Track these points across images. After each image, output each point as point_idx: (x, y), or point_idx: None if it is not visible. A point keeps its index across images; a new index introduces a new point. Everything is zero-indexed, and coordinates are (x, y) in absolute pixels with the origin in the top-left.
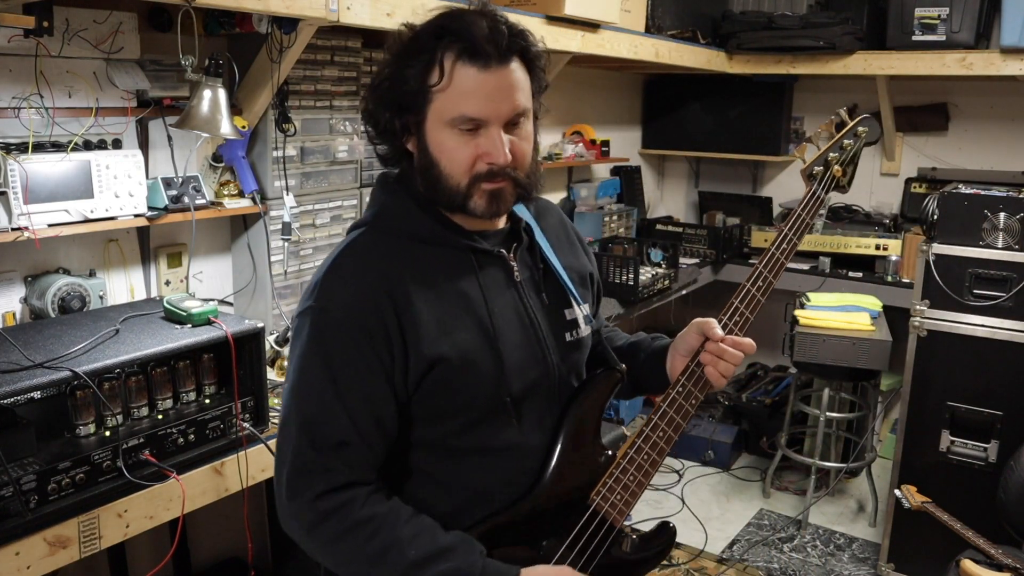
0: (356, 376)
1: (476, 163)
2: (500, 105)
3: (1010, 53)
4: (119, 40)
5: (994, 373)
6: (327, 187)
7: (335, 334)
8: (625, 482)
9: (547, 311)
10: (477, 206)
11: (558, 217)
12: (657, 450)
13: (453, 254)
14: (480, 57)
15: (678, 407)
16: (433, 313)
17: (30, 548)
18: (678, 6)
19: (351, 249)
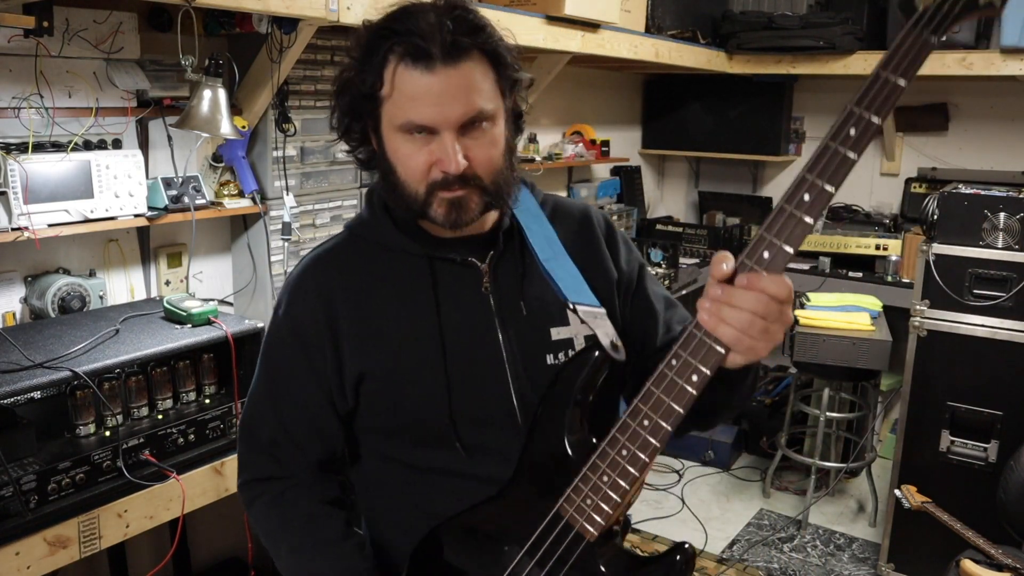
0: (291, 383)
1: (431, 170)
2: (448, 109)
3: (1010, 53)
4: (119, 40)
5: (994, 373)
6: (327, 187)
7: (279, 342)
8: (595, 483)
9: (525, 326)
10: (437, 215)
11: (580, 219)
12: (639, 442)
13: (411, 261)
14: (423, 58)
15: (668, 385)
16: (374, 323)
17: (30, 548)
18: (678, 6)
19: (316, 256)
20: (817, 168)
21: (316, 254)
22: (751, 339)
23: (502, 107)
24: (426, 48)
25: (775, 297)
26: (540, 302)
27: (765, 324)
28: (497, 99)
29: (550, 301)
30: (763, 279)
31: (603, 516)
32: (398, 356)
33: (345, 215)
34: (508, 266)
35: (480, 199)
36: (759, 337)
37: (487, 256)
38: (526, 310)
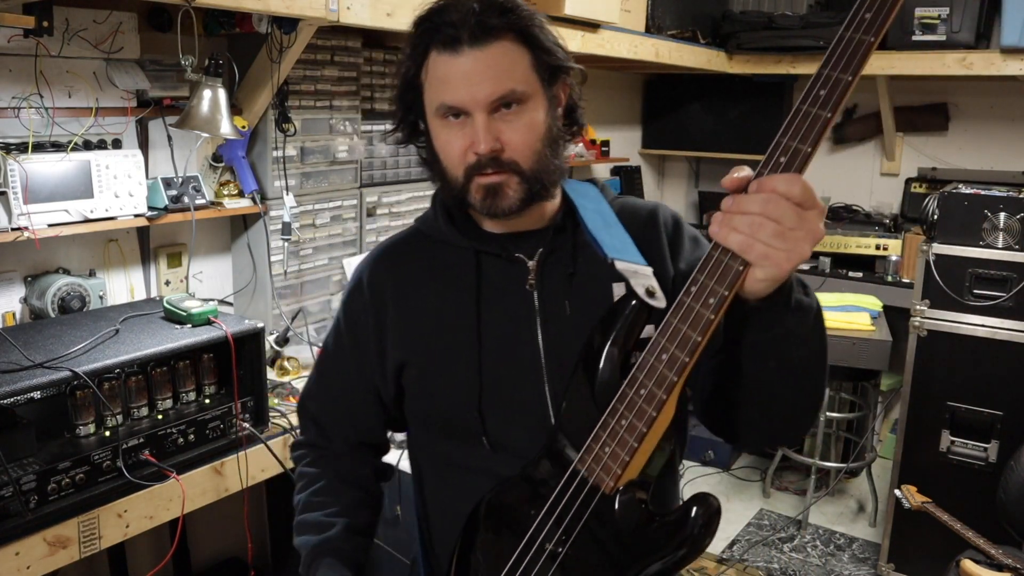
0: (336, 367)
1: (466, 154)
2: (477, 89)
3: (1010, 53)
4: (119, 40)
5: (994, 373)
6: (327, 187)
7: (335, 329)
8: (613, 427)
9: (568, 326)
10: (475, 201)
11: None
12: (655, 378)
13: (457, 254)
14: (451, 42)
15: (686, 312)
16: (416, 314)
17: (30, 548)
18: (678, 6)
19: (379, 248)
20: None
21: (380, 247)
22: (763, 244)
23: (540, 92)
24: (455, 34)
25: (786, 195)
26: (586, 301)
27: (778, 227)
28: (532, 82)
29: (598, 300)
30: (772, 178)
31: (619, 463)
32: (435, 346)
33: (345, 215)
34: (558, 264)
35: (519, 185)
36: (773, 242)
37: (536, 252)
38: (570, 309)
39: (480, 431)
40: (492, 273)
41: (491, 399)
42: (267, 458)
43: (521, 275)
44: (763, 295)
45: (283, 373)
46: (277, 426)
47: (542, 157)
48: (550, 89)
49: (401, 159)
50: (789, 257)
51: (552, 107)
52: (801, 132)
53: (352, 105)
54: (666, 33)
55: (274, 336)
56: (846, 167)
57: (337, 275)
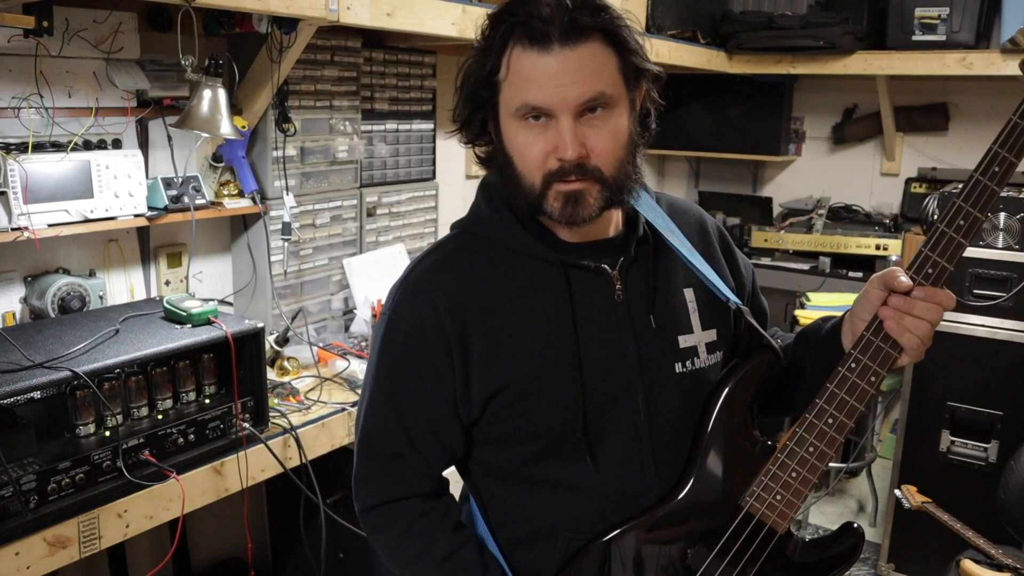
0: (415, 392)
1: (548, 159)
2: (566, 91)
3: (1010, 53)
4: (119, 40)
5: (994, 373)
6: (327, 187)
7: (399, 349)
8: (785, 480)
9: (654, 337)
10: (553, 209)
11: (698, 223)
12: (826, 440)
13: (544, 267)
14: (540, 40)
15: (851, 387)
16: (506, 333)
17: (30, 548)
18: (678, 6)
19: (432, 256)
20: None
21: (437, 258)
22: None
23: (625, 96)
24: (544, 30)
25: (946, 308)
26: (668, 312)
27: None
28: (620, 86)
29: (677, 308)
30: (940, 293)
31: (793, 509)
32: (533, 369)
33: (345, 215)
34: (639, 274)
35: (599, 194)
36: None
37: (617, 263)
38: (655, 323)
39: (585, 450)
40: (581, 287)
41: (593, 417)
42: (267, 458)
43: (607, 287)
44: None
45: (283, 373)
46: (277, 426)
47: (624, 165)
48: (632, 93)
49: (401, 159)
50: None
51: (633, 111)
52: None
53: (352, 105)
54: (666, 33)
55: (274, 336)
56: (846, 167)
57: (337, 275)
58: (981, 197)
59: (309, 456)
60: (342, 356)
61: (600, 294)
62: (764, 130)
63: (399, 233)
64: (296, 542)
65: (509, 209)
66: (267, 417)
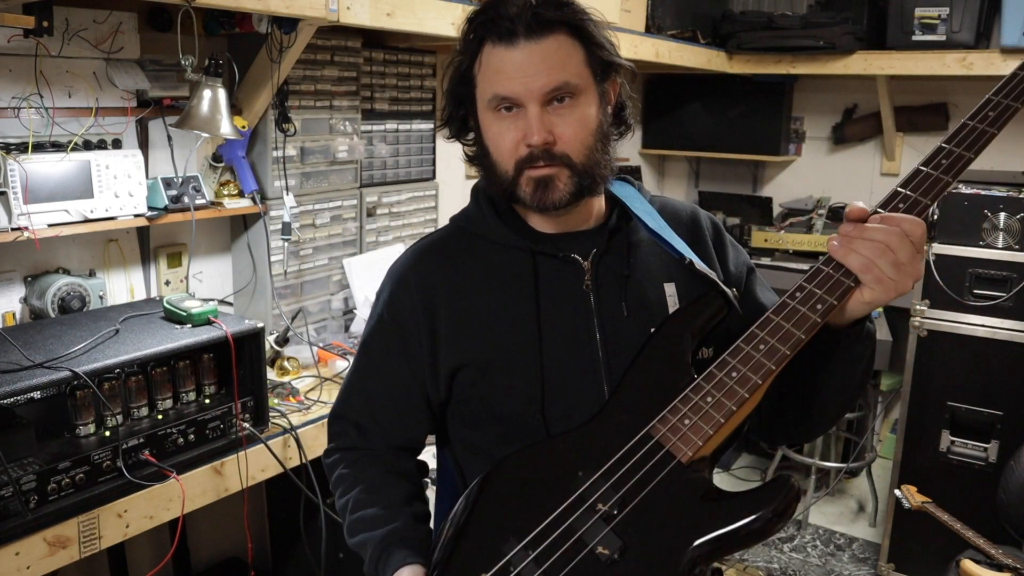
0: (384, 367)
1: (518, 147)
2: (531, 81)
3: (1010, 53)
4: (119, 40)
5: (994, 373)
6: (327, 187)
7: (378, 327)
8: (697, 402)
9: (624, 325)
10: (525, 195)
11: (689, 220)
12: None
13: (514, 255)
14: (506, 34)
15: (790, 312)
16: (472, 314)
17: (30, 548)
18: (678, 6)
19: (420, 247)
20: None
21: (420, 245)
22: (879, 270)
23: (592, 86)
24: (510, 26)
25: (909, 233)
26: (641, 302)
27: (895, 259)
28: (585, 77)
29: (653, 300)
30: (898, 216)
31: (700, 436)
32: (494, 349)
33: (345, 215)
34: (612, 265)
35: (569, 179)
36: (888, 270)
37: (590, 253)
38: (627, 311)
39: (543, 433)
40: (548, 274)
41: (552, 401)
42: (267, 458)
43: (577, 276)
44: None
45: (283, 373)
46: (277, 426)
47: (593, 151)
48: (602, 85)
49: (401, 159)
50: (896, 287)
51: (603, 103)
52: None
53: (352, 105)
54: (666, 33)
55: (274, 336)
56: (846, 167)
57: (337, 275)
58: (968, 137)
59: (309, 456)
60: (342, 356)
61: (568, 282)
62: (764, 130)
63: (399, 233)
64: (296, 542)
65: (491, 205)
66: (267, 417)
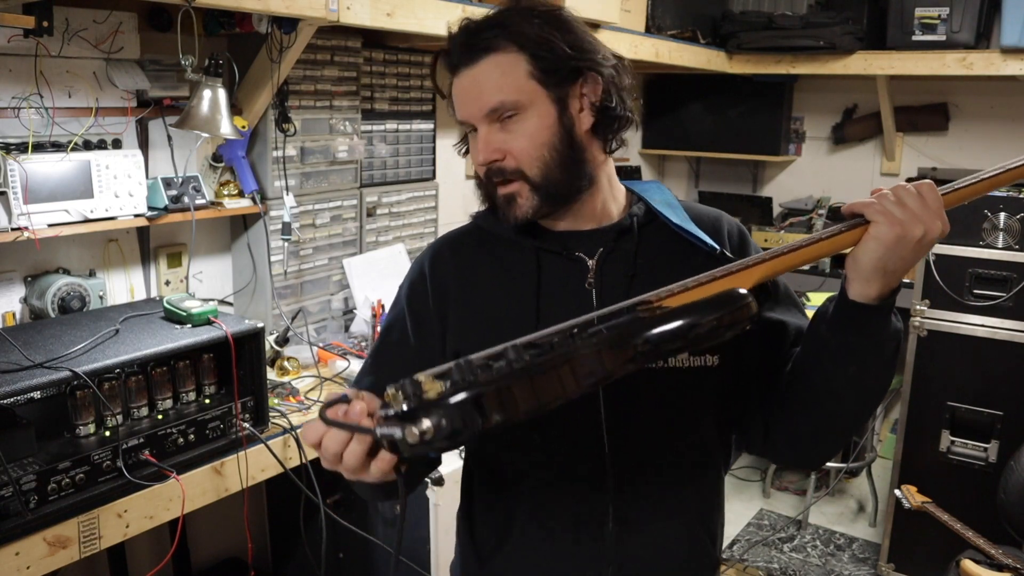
0: (395, 351)
1: (480, 167)
2: (471, 106)
3: (1010, 53)
4: (119, 40)
5: (994, 373)
6: (327, 187)
7: (397, 312)
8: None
9: None
10: (499, 208)
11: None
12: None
13: (520, 252)
14: (451, 66)
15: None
16: (477, 306)
17: (30, 548)
18: (678, 6)
19: (440, 239)
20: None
21: (441, 239)
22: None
23: (542, 97)
24: (450, 56)
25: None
26: None
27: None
28: (529, 90)
29: None
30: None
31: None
32: (491, 339)
33: (345, 215)
34: (618, 264)
35: (530, 193)
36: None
37: (597, 252)
38: None
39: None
40: (552, 271)
41: None
42: (267, 458)
43: (581, 273)
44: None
45: (283, 373)
46: (277, 426)
47: (549, 163)
48: (559, 93)
49: (401, 159)
50: (903, 227)
51: (564, 111)
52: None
53: (352, 105)
54: (666, 33)
55: (274, 336)
56: (846, 167)
57: (337, 275)
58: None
59: (309, 456)
60: (342, 356)
61: (571, 280)
62: (764, 130)
63: (399, 233)
64: (296, 542)
65: None
66: (267, 417)
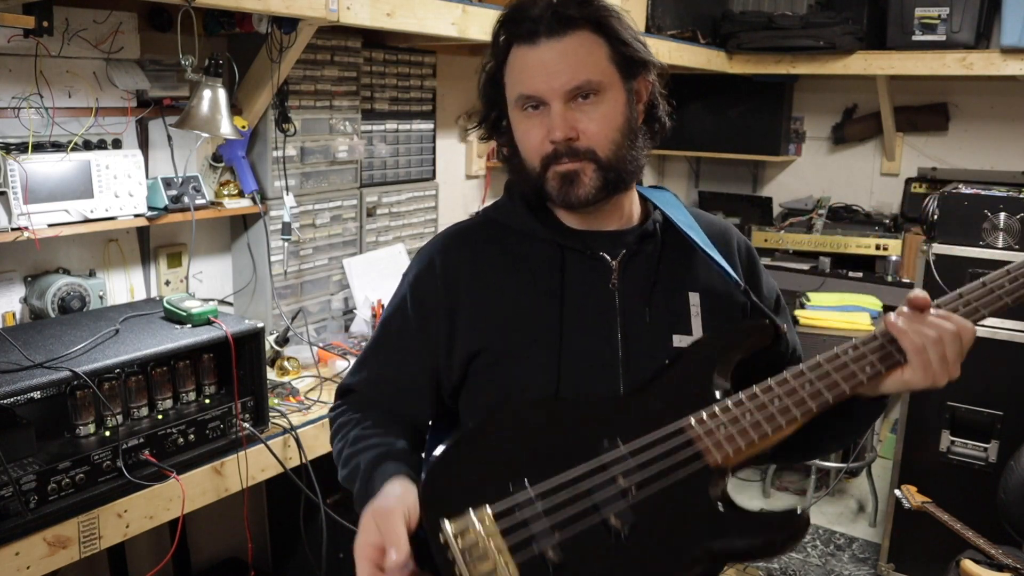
0: (397, 348)
1: (543, 144)
2: (553, 78)
3: (1010, 53)
4: (119, 40)
5: (994, 373)
6: (327, 187)
7: (400, 306)
8: (736, 415)
9: (646, 329)
10: (552, 190)
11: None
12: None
13: (543, 247)
14: (528, 34)
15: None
16: (495, 302)
17: (30, 548)
18: (678, 6)
19: (448, 231)
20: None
21: (449, 231)
22: (927, 359)
23: (618, 83)
24: (530, 25)
25: (961, 335)
26: (666, 309)
27: (944, 356)
28: (610, 74)
29: (678, 307)
30: (962, 322)
31: (732, 447)
32: (514, 336)
33: (345, 215)
34: (640, 268)
35: (595, 173)
36: (935, 362)
37: (619, 253)
38: (650, 316)
39: None
40: (575, 269)
41: (567, 394)
42: (267, 458)
43: (604, 274)
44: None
45: (283, 373)
46: (277, 426)
47: (619, 147)
48: (629, 83)
49: (401, 159)
50: (935, 379)
51: (631, 101)
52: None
53: (352, 105)
54: (666, 33)
55: (274, 336)
56: (846, 167)
57: (337, 275)
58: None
59: (309, 456)
60: (342, 356)
61: (595, 279)
62: (764, 130)
63: (399, 233)
64: (296, 542)
65: (523, 201)
66: (267, 417)
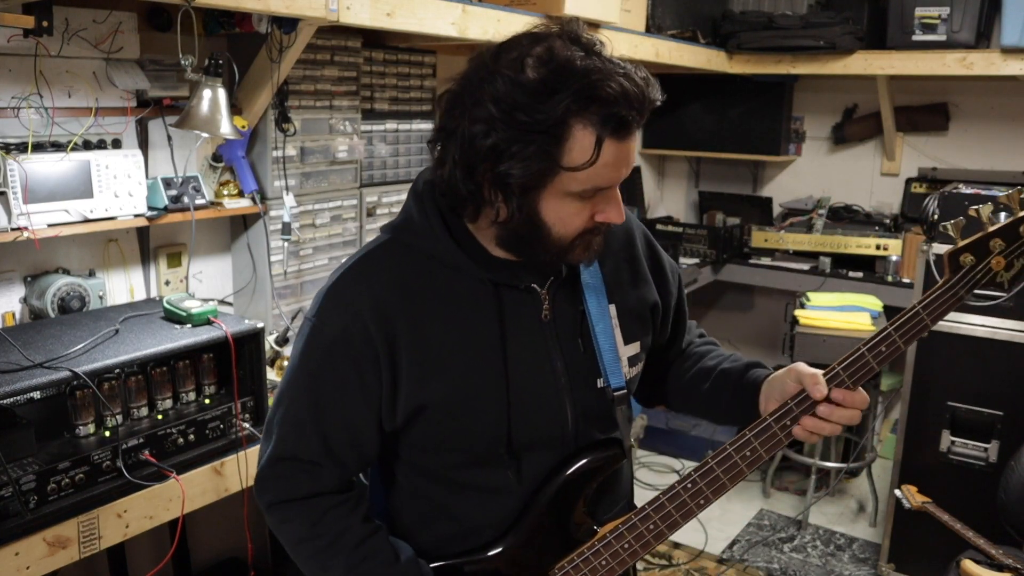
0: (337, 401)
1: (590, 222)
2: (624, 170)
3: (1010, 53)
4: (119, 40)
5: (994, 373)
6: (327, 187)
7: (325, 356)
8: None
9: (584, 358)
10: (578, 257)
11: (625, 238)
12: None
13: (475, 284)
14: (626, 128)
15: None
16: (435, 349)
17: (30, 548)
18: (678, 6)
19: (362, 262)
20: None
21: (361, 263)
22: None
23: None
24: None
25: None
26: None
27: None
28: None
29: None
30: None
31: None
32: (461, 389)
33: (345, 215)
34: (567, 297)
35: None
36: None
37: (546, 282)
38: (583, 347)
39: (508, 465)
40: (511, 306)
41: (519, 433)
42: None
43: (535, 305)
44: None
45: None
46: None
47: None
48: None
49: (401, 159)
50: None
51: None
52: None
53: (352, 105)
54: (666, 33)
55: (274, 336)
56: (846, 167)
57: None
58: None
59: None
60: None
61: (528, 313)
62: (764, 130)
63: None
64: None
65: (441, 219)
66: None
